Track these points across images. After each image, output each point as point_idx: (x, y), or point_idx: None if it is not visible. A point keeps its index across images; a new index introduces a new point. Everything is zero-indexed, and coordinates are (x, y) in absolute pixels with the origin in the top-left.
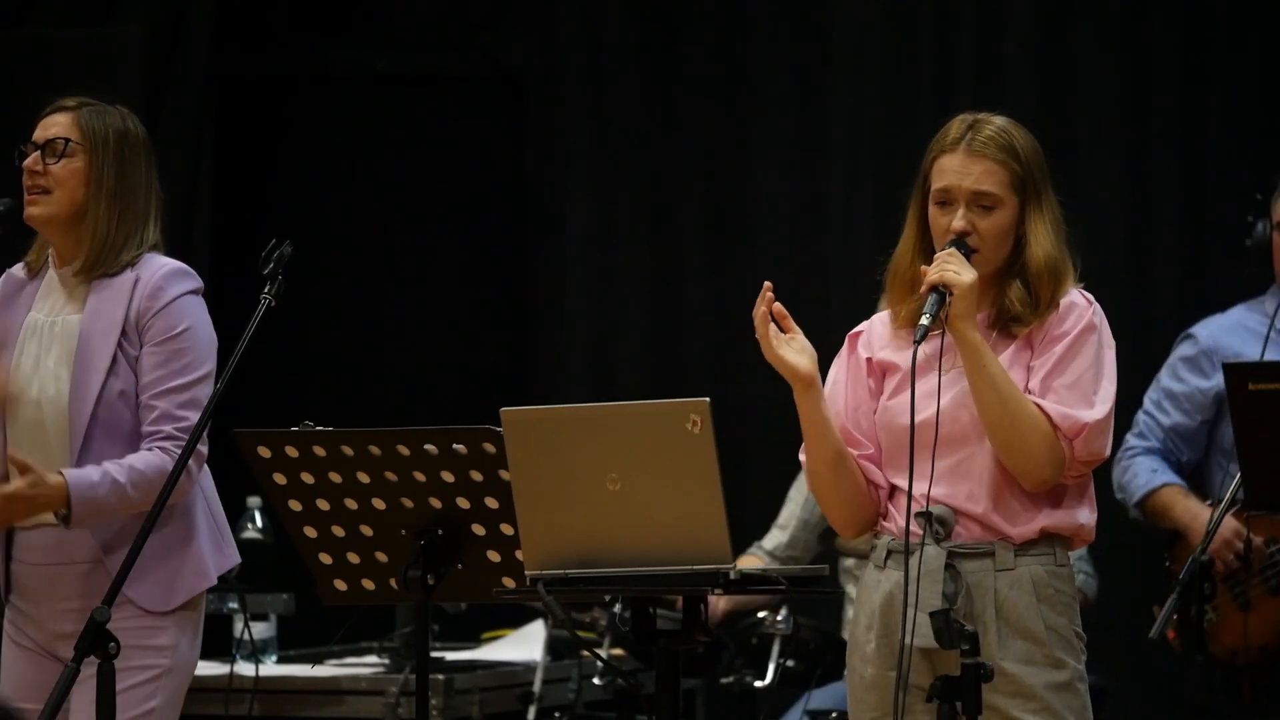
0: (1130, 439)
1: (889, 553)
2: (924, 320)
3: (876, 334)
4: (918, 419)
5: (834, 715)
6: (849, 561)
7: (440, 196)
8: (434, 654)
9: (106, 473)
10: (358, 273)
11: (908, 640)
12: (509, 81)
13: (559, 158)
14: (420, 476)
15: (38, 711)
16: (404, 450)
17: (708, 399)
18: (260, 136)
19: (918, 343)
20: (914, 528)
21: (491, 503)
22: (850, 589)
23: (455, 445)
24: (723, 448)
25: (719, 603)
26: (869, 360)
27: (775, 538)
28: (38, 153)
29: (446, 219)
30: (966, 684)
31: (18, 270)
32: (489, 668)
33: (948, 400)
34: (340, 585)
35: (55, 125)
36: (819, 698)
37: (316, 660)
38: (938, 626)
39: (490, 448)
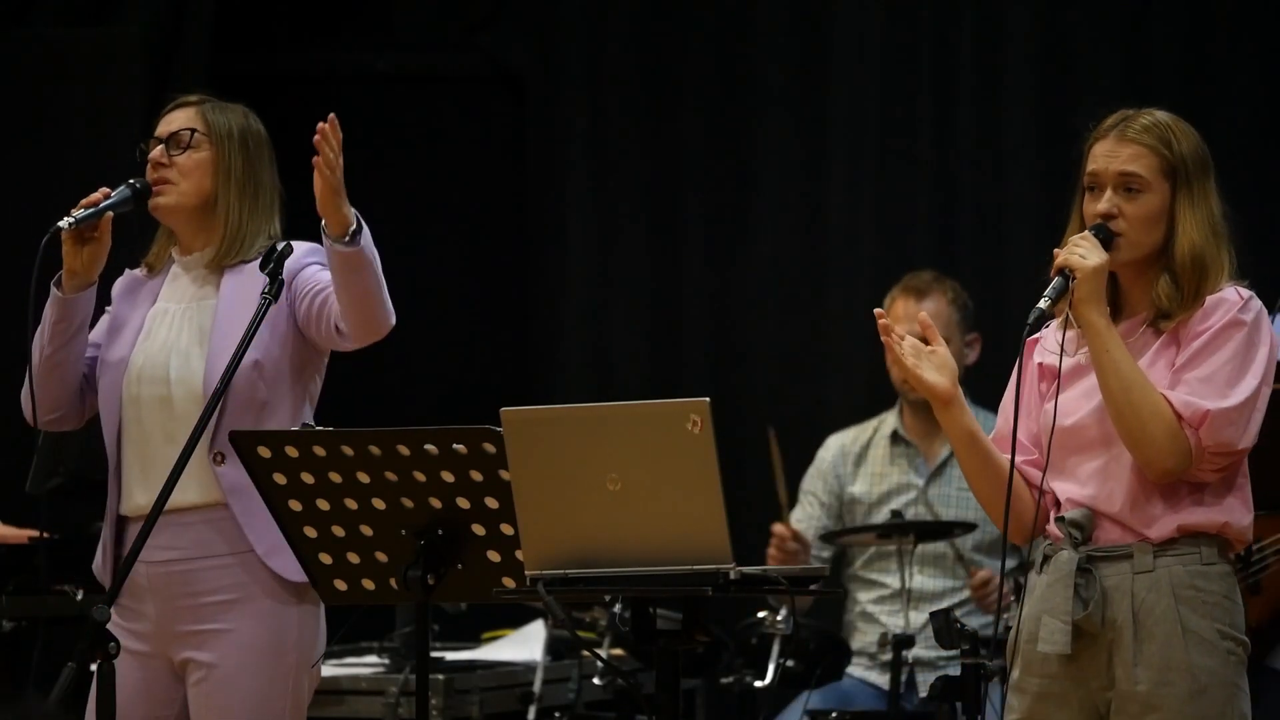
0: None
1: (1044, 558)
2: (1041, 304)
3: (1049, 339)
4: (1070, 421)
5: (834, 715)
6: (855, 564)
7: (440, 196)
8: (434, 654)
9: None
10: None
11: (1041, 648)
12: (509, 81)
13: (559, 158)
14: (420, 476)
15: (141, 716)
16: (404, 450)
17: (708, 399)
18: None
19: (1031, 324)
20: (1058, 533)
21: (491, 503)
22: (854, 588)
23: (455, 445)
24: (723, 448)
25: None
26: (1040, 365)
27: (806, 507)
28: (161, 146)
29: (446, 219)
30: (966, 684)
31: (138, 271)
32: (489, 668)
33: (1095, 402)
34: (340, 585)
35: (179, 119)
36: (819, 698)
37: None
38: (937, 626)
39: (490, 448)
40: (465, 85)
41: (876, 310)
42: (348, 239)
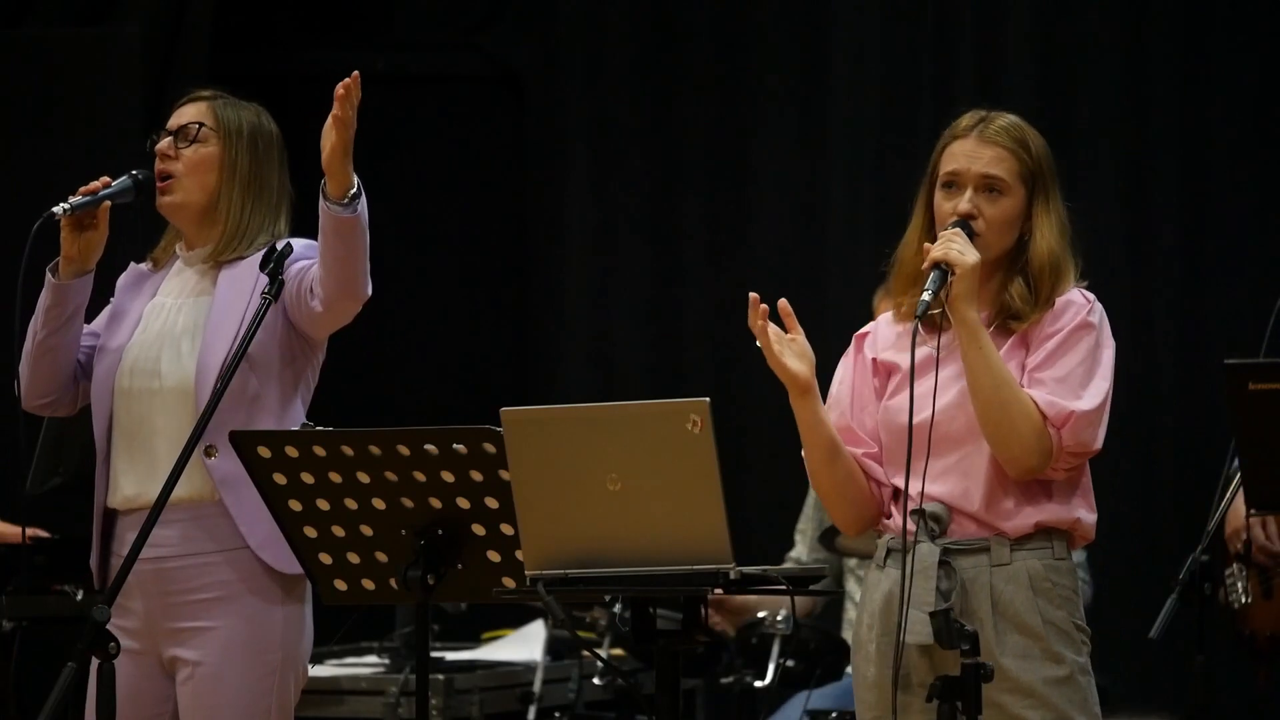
0: None
1: (889, 551)
2: (925, 296)
3: (881, 334)
4: (918, 418)
5: (834, 715)
6: (851, 561)
7: (440, 196)
8: (434, 654)
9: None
10: None
11: (902, 638)
12: (509, 81)
13: (559, 158)
14: (420, 476)
15: (131, 713)
16: (404, 450)
17: (708, 399)
18: None
19: (918, 317)
20: (910, 526)
21: (491, 503)
22: (852, 589)
23: (455, 445)
24: (723, 448)
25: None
26: (874, 360)
27: (799, 546)
28: (170, 138)
29: (446, 218)
30: (967, 684)
31: (143, 265)
32: (489, 668)
33: (948, 399)
34: (340, 585)
35: (189, 112)
36: (819, 698)
37: (316, 660)
38: (937, 626)
39: (490, 448)
40: (465, 85)
41: (751, 295)
42: (346, 201)
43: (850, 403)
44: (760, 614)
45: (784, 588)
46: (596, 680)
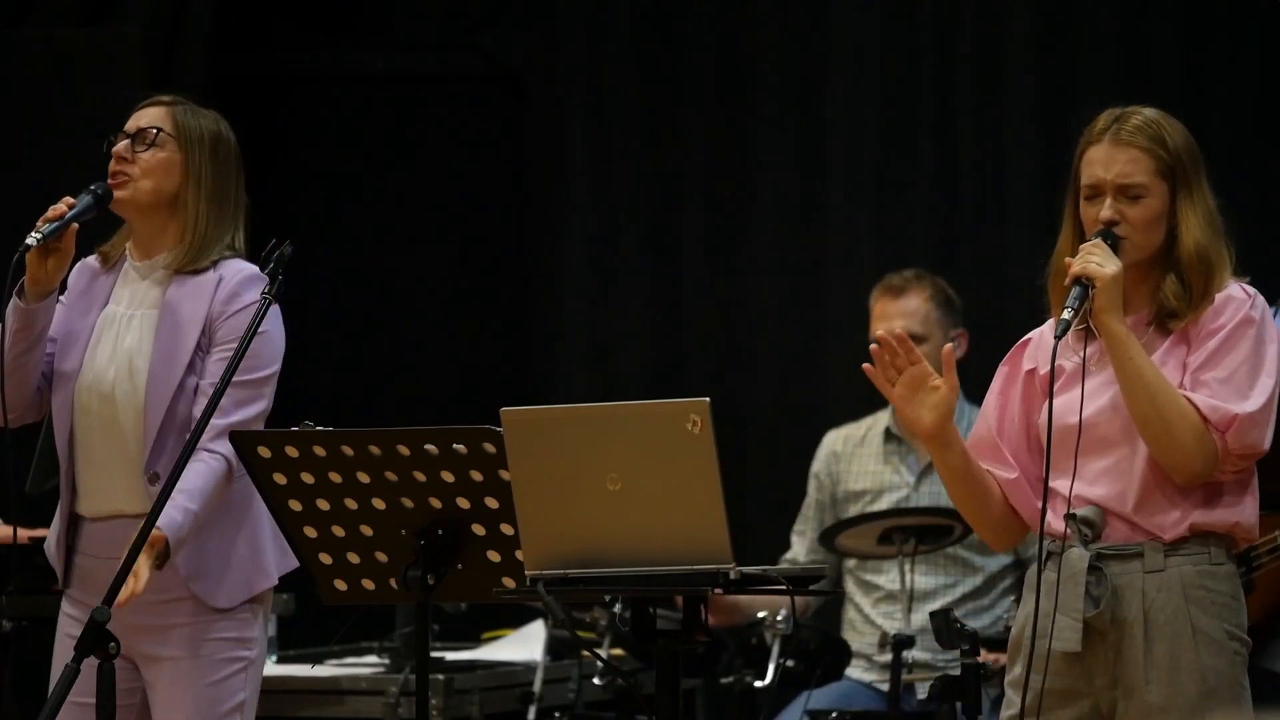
0: None
1: (1048, 555)
2: (1065, 314)
3: (1045, 342)
4: (1072, 420)
5: (834, 715)
6: (850, 562)
7: (440, 196)
8: (434, 654)
9: (187, 511)
10: (358, 272)
11: (1054, 646)
12: (509, 81)
13: (559, 158)
14: (420, 476)
15: (91, 705)
16: (404, 450)
17: (708, 399)
18: (260, 136)
19: (1058, 337)
20: (1058, 530)
21: (491, 503)
22: (852, 589)
23: (455, 445)
24: (723, 448)
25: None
26: (1031, 372)
27: (796, 547)
28: (127, 141)
29: (446, 218)
30: (967, 684)
31: (92, 260)
32: (489, 668)
33: (1104, 401)
34: (340, 585)
35: (148, 116)
36: (819, 698)
37: (316, 660)
38: (937, 625)
39: (490, 448)
40: (465, 85)
41: (882, 336)
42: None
43: (996, 418)
44: (760, 614)
45: (784, 588)
46: (596, 680)
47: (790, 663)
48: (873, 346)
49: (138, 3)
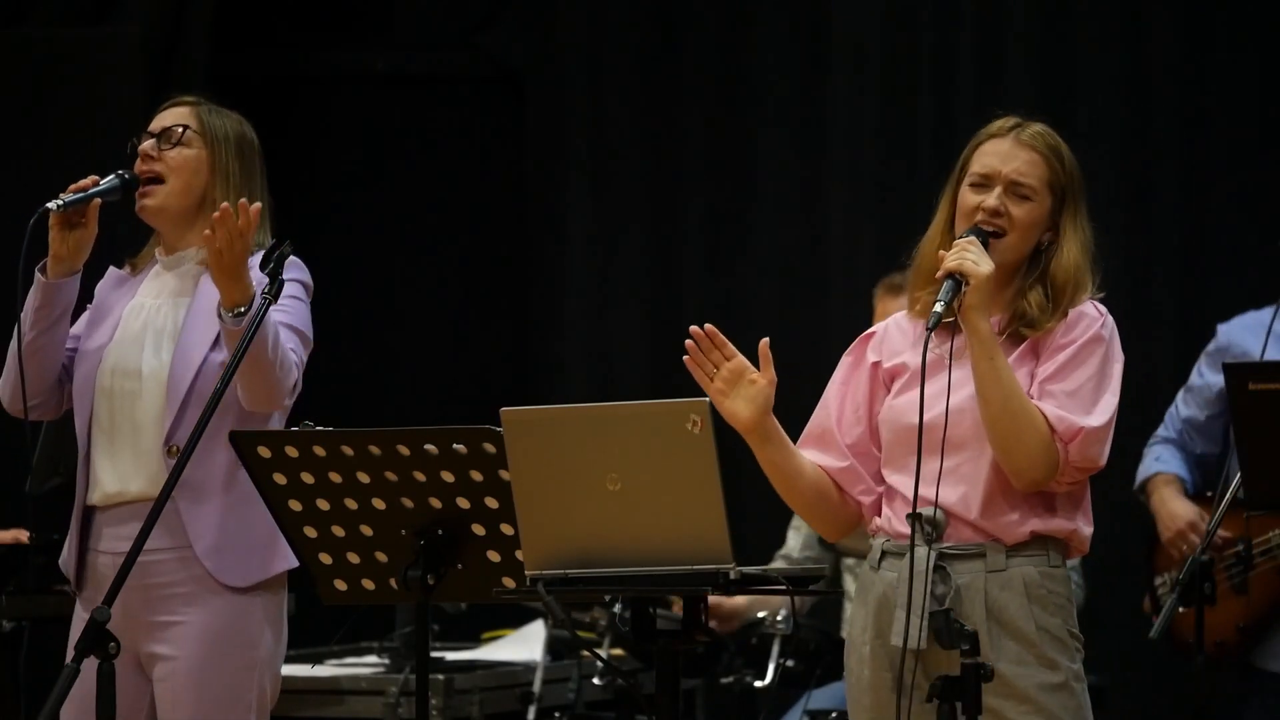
0: (1157, 430)
1: (883, 554)
2: (937, 307)
3: (891, 336)
4: (926, 417)
5: (834, 715)
6: (849, 560)
7: (440, 196)
8: (434, 654)
9: (277, 321)
10: (357, 272)
11: (897, 642)
12: (509, 81)
13: (559, 158)
14: (420, 476)
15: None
16: (404, 450)
17: (708, 399)
18: (260, 136)
19: (929, 329)
20: (906, 529)
21: (491, 503)
22: (851, 588)
23: (455, 445)
24: (723, 448)
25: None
26: (875, 364)
27: (791, 541)
28: (152, 140)
29: (446, 218)
30: (966, 684)
31: (122, 270)
32: (489, 668)
33: (955, 402)
34: (340, 585)
35: (172, 115)
36: (819, 698)
37: (316, 660)
38: (937, 627)
39: (490, 448)
40: (465, 85)
41: (694, 330)
42: (233, 315)
43: (837, 408)
44: (760, 614)
45: (784, 588)
46: (596, 680)
47: (790, 663)
48: (688, 341)
49: (138, 3)
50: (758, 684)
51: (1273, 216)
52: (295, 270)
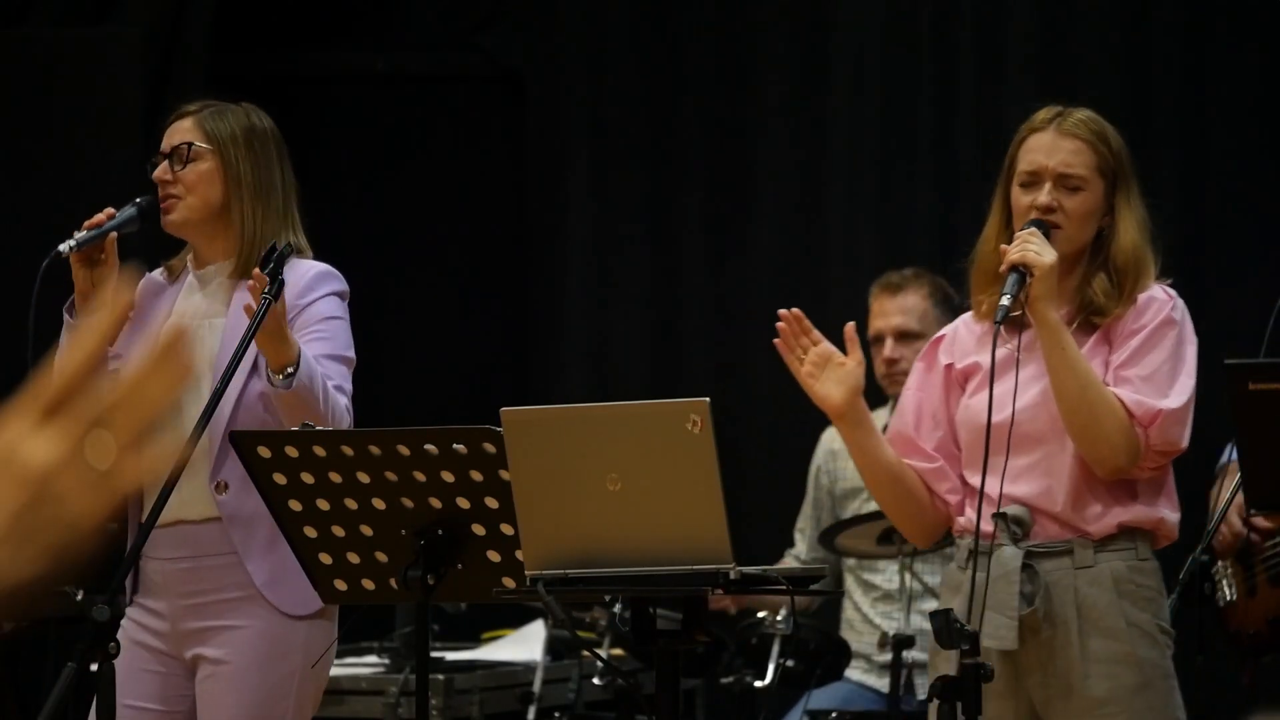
0: None
1: (969, 553)
2: (1004, 300)
3: (960, 337)
4: (998, 417)
5: (834, 715)
6: (851, 561)
7: (440, 196)
8: (434, 654)
9: (324, 373)
10: (357, 272)
11: (988, 643)
12: (509, 81)
13: (559, 158)
14: (420, 476)
15: (158, 712)
16: (404, 450)
17: (708, 399)
18: None
19: (998, 323)
20: (990, 529)
21: (491, 503)
22: (852, 588)
23: (455, 445)
24: (723, 448)
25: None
26: (948, 367)
27: (800, 544)
28: (165, 162)
29: (446, 218)
30: (967, 684)
31: (157, 274)
32: (489, 668)
33: (1029, 398)
34: (340, 585)
35: (178, 132)
36: (819, 698)
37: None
38: (937, 626)
39: (490, 448)
40: (465, 85)
41: (783, 313)
42: (284, 376)
43: (914, 415)
44: (760, 614)
45: (784, 588)
46: (596, 680)
47: (790, 663)
48: (779, 324)
49: (138, 3)
50: (758, 684)
51: (1274, 216)
52: (330, 282)
